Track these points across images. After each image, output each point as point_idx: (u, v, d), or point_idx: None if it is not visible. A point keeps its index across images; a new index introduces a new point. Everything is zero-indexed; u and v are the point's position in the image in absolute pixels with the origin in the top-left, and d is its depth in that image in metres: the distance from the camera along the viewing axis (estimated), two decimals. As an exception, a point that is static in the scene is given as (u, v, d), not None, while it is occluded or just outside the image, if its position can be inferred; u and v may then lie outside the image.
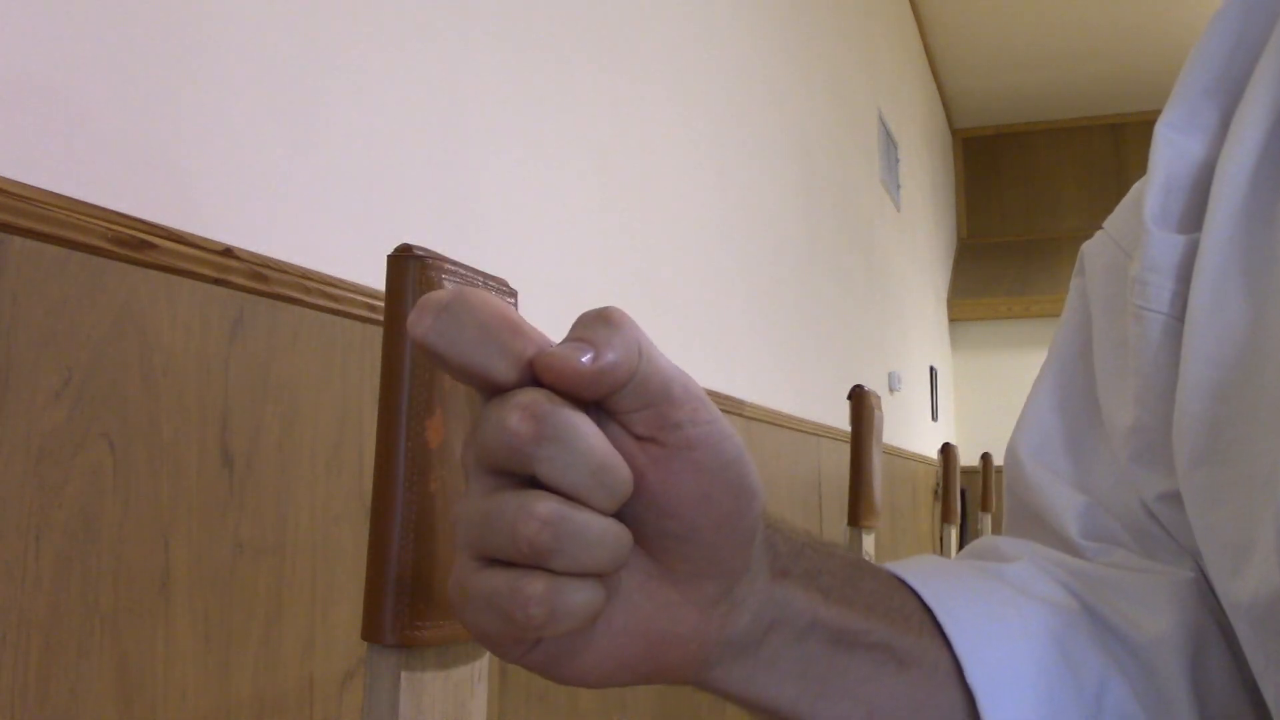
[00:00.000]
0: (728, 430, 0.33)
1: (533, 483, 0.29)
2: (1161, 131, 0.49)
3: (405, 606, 0.43)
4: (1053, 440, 0.54)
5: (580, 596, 0.29)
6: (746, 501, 0.33)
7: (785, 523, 0.40)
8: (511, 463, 0.29)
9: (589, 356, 0.29)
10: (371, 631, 0.43)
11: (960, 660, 0.42)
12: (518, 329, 0.30)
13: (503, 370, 0.29)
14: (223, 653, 0.78)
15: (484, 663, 0.50)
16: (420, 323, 0.29)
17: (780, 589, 0.38)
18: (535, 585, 0.29)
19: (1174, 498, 0.48)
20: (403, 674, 0.44)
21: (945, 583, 0.44)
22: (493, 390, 0.30)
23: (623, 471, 0.30)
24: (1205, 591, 0.47)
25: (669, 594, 0.34)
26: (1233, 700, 0.45)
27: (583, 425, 0.29)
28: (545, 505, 0.29)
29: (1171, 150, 0.48)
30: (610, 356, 0.29)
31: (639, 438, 0.31)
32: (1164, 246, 0.47)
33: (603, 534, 0.30)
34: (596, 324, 0.30)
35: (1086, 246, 0.56)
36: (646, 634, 0.34)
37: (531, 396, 0.29)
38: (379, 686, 0.44)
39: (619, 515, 0.31)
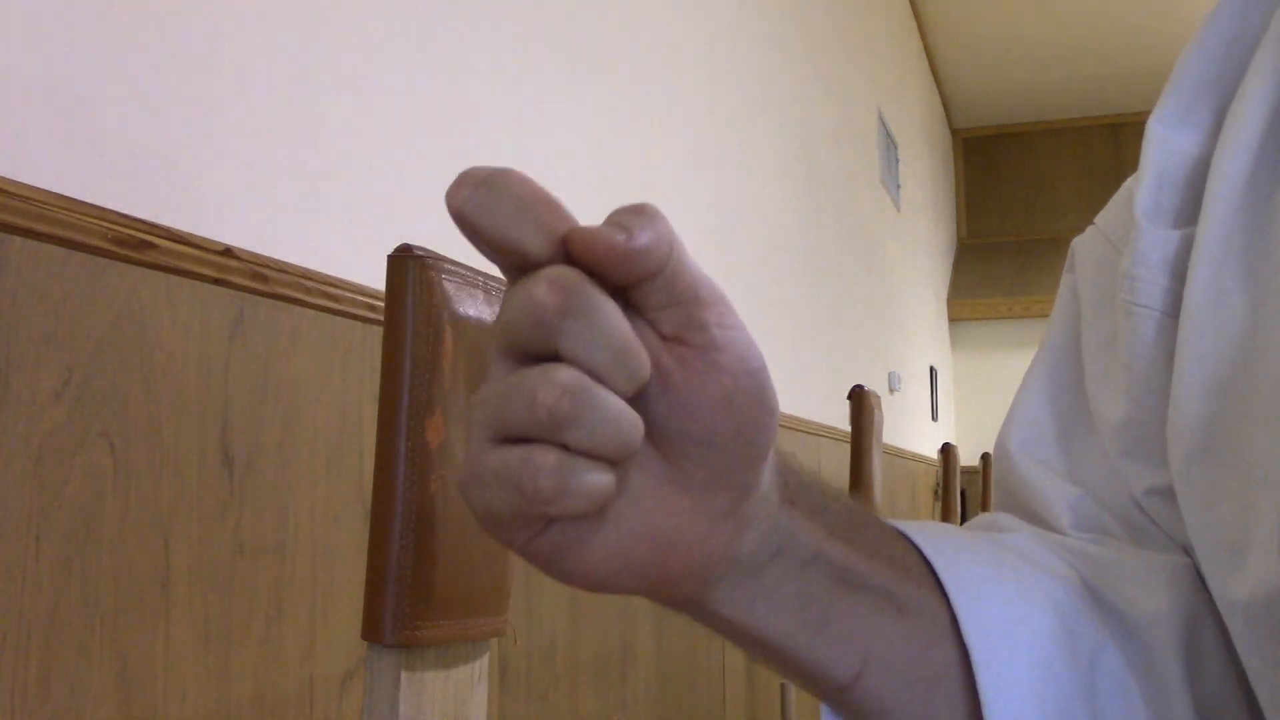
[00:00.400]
0: (751, 339, 0.33)
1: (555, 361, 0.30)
2: (1154, 128, 0.49)
3: (405, 606, 0.43)
4: (1043, 433, 0.54)
5: (591, 477, 0.30)
6: (766, 413, 0.33)
7: (794, 457, 0.40)
8: (535, 337, 0.30)
9: (624, 237, 0.30)
10: (371, 631, 0.44)
11: (958, 616, 0.42)
12: (554, 206, 0.30)
13: (536, 244, 0.30)
14: (223, 653, 0.78)
15: (484, 663, 0.50)
16: (458, 194, 0.30)
17: (787, 516, 0.38)
18: (548, 456, 0.29)
19: (1164, 492, 0.48)
20: (403, 674, 0.44)
21: (948, 542, 0.45)
22: (525, 267, 0.30)
23: (643, 356, 0.30)
24: (1199, 579, 0.47)
25: (681, 501, 0.34)
26: (1225, 684, 0.45)
27: (608, 305, 0.30)
28: (567, 373, 0.29)
29: (1164, 146, 0.49)
30: (645, 239, 0.30)
31: (665, 337, 0.32)
32: (1155, 242, 0.47)
33: (620, 414, 0.30)
34: (633, 214, 0.31)
35: (1077, 242, 0.56)
36: (654, 537, 0.34)
37: (560, 270, 0.30)
38: (379, 686, 0.44)
39: (642, 414, 0.31)
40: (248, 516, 0.81)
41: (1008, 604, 0.43)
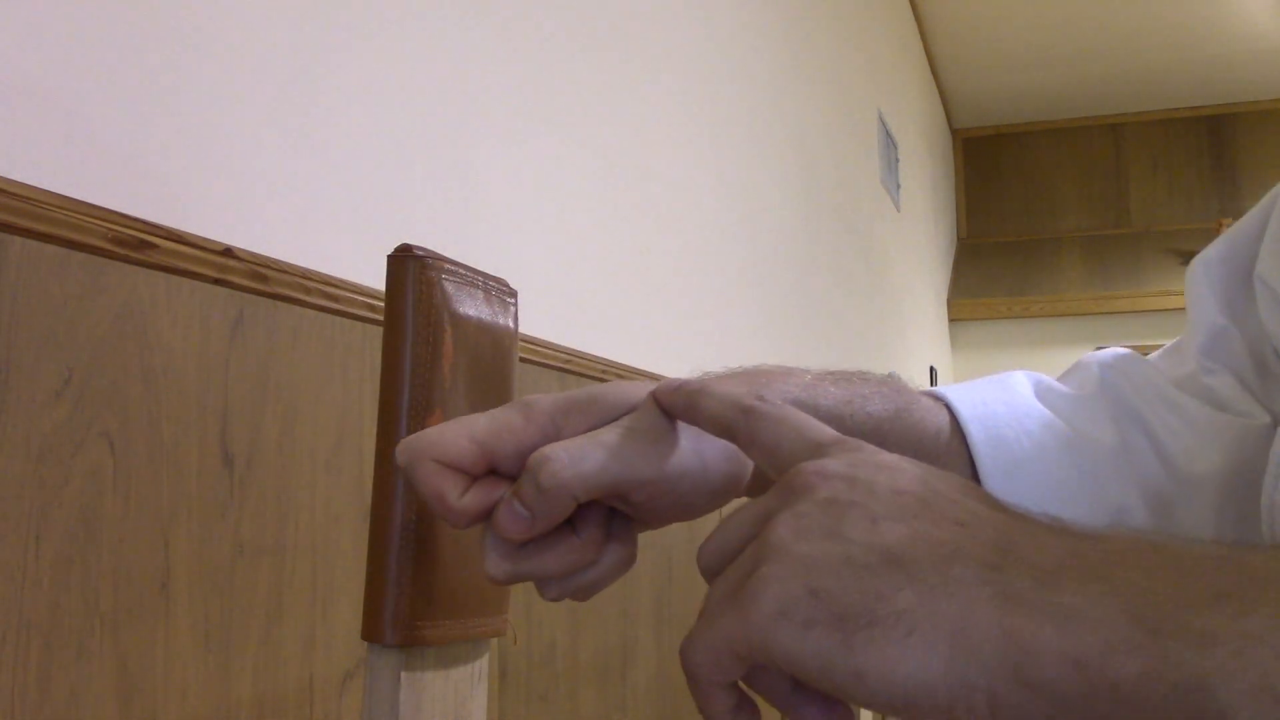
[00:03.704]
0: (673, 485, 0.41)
1: None
2: None
3: (405, 606, 0.43)
4: (1234, 254, 0.59)
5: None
6: (732, 496, 0.41)
7: (815, 397, 0.47)
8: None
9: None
10: (371, 631, 0.43)
11: (962, 426, 0.48)
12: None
13: None
14: (223, 653, 0.78)
15: (484, 663, 0.50)
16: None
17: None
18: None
19: None
20: (403, 674, 0.44)
21: (981, 401, 0.51)
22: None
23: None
24: (1270, 441, 0.49)
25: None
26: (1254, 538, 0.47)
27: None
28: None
29: None
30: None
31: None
32: None
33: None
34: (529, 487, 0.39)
35: None
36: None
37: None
38: (379, 686, 0.44)
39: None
40: (248, 516, 0.81)
41: (1019, 428, 0.49)
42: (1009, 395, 0.51)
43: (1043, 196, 6.61)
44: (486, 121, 1.24)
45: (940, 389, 0.51)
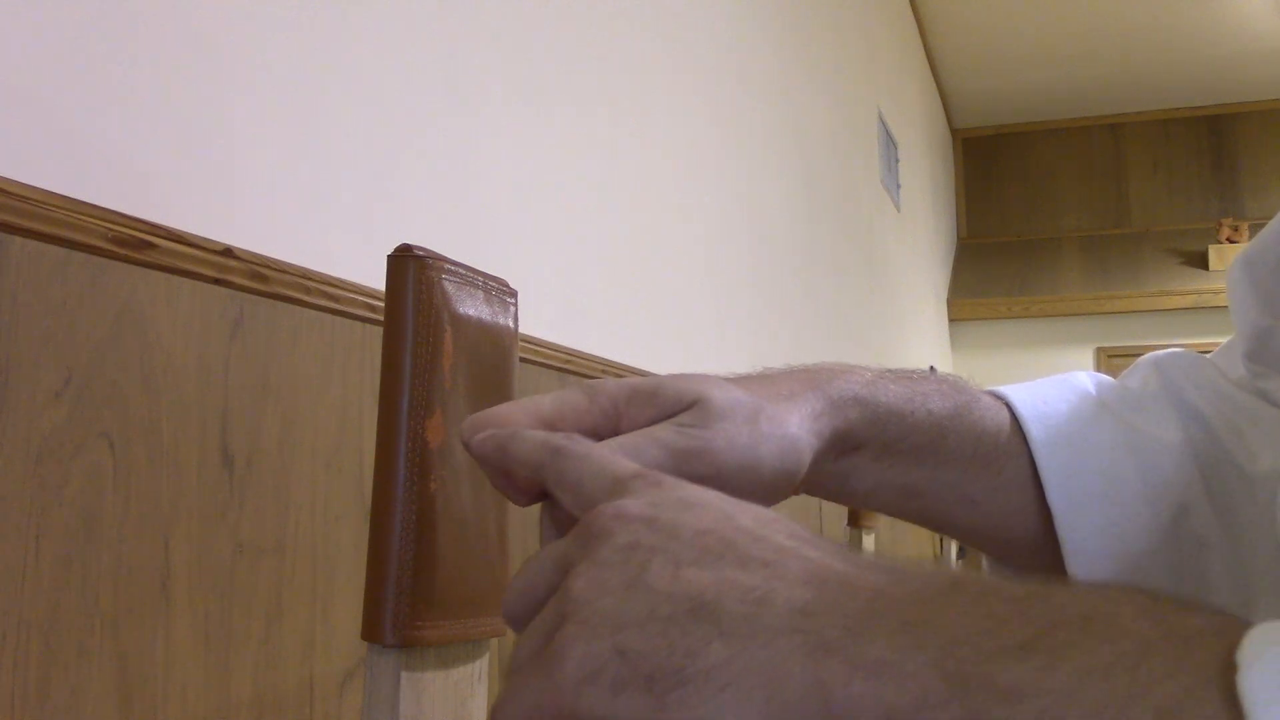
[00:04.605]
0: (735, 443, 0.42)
1: None
2: None
3: (405, 606, 0.43)
4: (1272, 251, 0.57)
5: None
6: (785, 492, 0.43)
7: (876, 393, 0.47)
8: None
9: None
10: (371, 631, 0.43)
11: (1044, 486, 0.47)
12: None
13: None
14: (223, 653, 0.78)
15: (484, 663, 0.50)
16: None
17: (846, 461, 0.46)
18: None
19: None
20: (403, 674, 0.44)
21: (1043, 400, 0.50)
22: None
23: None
24: None
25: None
26: None
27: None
28: None
29: None
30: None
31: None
32: None
33: None
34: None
35: None
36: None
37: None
38: (379, 686, 0.44)
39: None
40: (248, 516, 0.81)
41: (1097, 484, 0.48)
42: (1070, 394, 0.51)
43: (1043, 196, 6.61)
44: (486, 121, 1.24)
45: (1002, 388, 0.51)
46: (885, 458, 0.47)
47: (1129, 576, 0.46)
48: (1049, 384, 0.52)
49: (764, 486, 0.43)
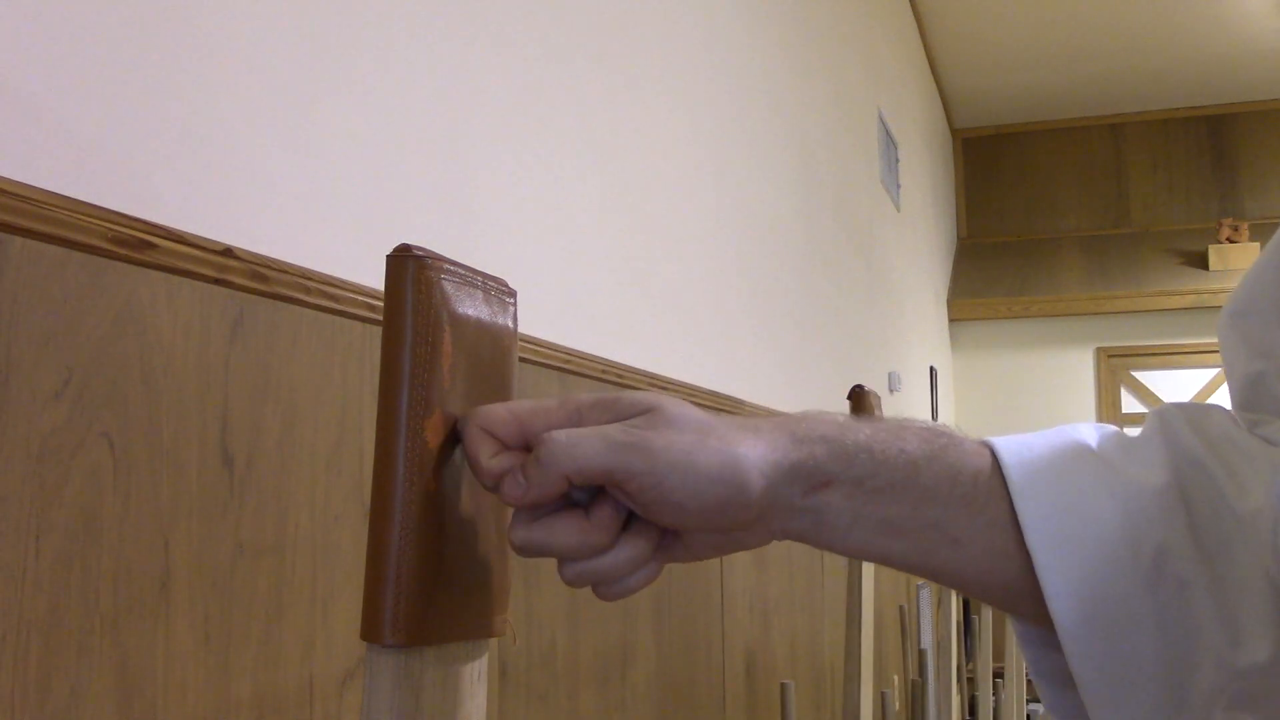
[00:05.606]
0: (685, 473, 0.45)
1: None
2: None
3: (404, 606, 0.43)
4: (1257, 301, 0.57)
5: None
6: (717, 508, 0.45)
7: (844, 434, 0.48)
8: None
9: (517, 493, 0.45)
10: (371, 631, 0.43)
11: (1022, 528, 0.48)
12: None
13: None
14: (223, 653, 0.78)
15: (483, 662, 0.50)
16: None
17: (814, 500, 0.47)
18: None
19: None
20: (402, 674, 0.44)
21: (1027, 447, 0.51)
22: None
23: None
24: None
25: (692, 538, 0.49)
26: None
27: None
28: None
29: None
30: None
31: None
32: None
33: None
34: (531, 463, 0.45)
35: None
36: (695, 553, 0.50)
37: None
38: (379, 686, 0.44)
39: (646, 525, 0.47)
40: (247, 516, 0.81)
41: (1070, 512, 0.48)
42: (1059, 440, 0.50)
43: (1043, 196, 6.61)
44: (486, 121, 1.24)
45: (993, 438, 0.51)
46: (859, 494, 0.47)
47: (1110, 619, 0.46)
48: (1043, 432, 0.51)
49: (700, 496, 0.45)
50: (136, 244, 0.73)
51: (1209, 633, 0.46)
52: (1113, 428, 0.53)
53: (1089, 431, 0.52)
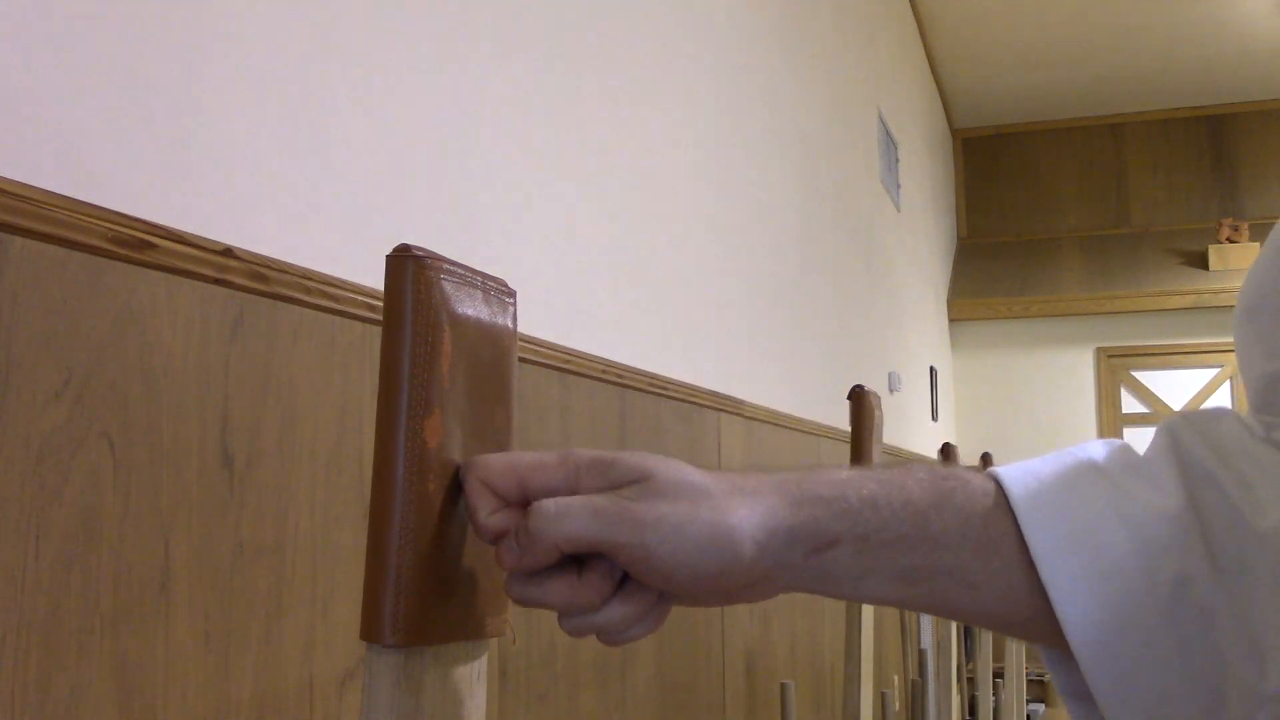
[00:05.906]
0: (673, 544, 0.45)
1: None
2: None
3: (404, 606, 0.43)
4: (1269, 298, 0.55)
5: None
6: (709, 578, 0.45)
7: (845, 490, 0.47)
8: None
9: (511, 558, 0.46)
10: (371, 631, 0.43)
11: (1038, 568, 0.47)
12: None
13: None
14: (223, 653, 0.78)
15: (483, 662, 0.50)
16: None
17: (820, 560, 0.47)
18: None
19: None
20: (402, 674, 0.44)
21: (1035, 478, 0.50)
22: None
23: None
24: None
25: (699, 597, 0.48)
26: None
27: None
28: None
29: None
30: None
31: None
32: None
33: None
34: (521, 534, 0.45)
35: None
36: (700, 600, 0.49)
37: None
38: (379, 686, 0.44)
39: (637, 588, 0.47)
40: (247, 516, 0.81)
41: (1085, 548, 0.47)
42: (1067, 464, 0.49)
43: (1043, 196, 6.60)
44: (486, 122, 1.24)
45: (1001, 467, 0.50)
46: (867, 550, 0.47)
47: (1132, 652, 0.45)
48: (1050, 456, 0.50)
49: (692, 565, 0.45)
50: (136, 244, 0.73)
51: (1234, 663, 0.45)
52: (1121, 442, 0.51)
53: (1097, 449, 0.50)
